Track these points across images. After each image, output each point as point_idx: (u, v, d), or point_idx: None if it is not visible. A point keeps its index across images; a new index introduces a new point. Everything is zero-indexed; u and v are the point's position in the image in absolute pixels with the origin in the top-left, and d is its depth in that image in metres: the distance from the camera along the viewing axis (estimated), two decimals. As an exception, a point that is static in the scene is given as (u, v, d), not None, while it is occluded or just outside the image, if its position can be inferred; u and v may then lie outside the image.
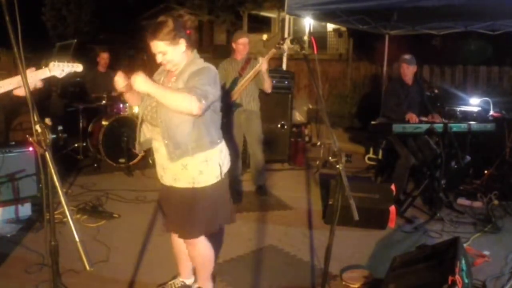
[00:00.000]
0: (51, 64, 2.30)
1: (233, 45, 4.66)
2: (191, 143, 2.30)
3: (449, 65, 8.86)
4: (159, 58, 2.31)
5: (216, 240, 2.94)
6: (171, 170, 2.38)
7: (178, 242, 2.65)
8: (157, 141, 2.37)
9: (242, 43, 4.58)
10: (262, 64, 4.30)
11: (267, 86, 4.56)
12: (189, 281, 2.83)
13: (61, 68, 2.34)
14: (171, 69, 2.37)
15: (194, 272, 2.79)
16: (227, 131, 4.83)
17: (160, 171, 2.47)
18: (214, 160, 2.39)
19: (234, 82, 4.61)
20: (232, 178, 5.00)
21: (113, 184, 4.89)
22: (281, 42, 4.17)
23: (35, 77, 2.27)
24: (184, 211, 2.41)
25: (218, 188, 2.43)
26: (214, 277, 2.83)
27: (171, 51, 2.28)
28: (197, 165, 2.34)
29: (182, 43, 2.29)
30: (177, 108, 2.17)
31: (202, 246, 2.55)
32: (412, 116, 4.40)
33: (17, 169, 3.78)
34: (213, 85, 2.29)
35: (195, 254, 2.59)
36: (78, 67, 2.42)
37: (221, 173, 2.42)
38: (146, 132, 2.49)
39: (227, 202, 2.57)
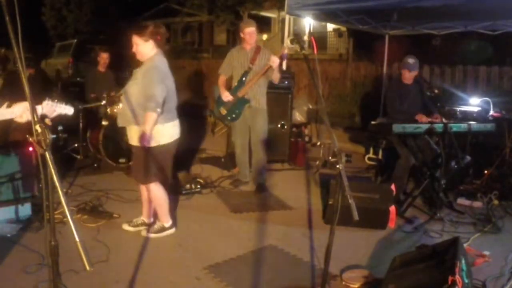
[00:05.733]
0: (45, 102, 2.31)
1: (241, 35, 4.69)
2: (135, 117, 3.31)
3: (449, 65, 8.86)
4: (134, 48, 3.35)
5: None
6: (129, 132, 3.45)
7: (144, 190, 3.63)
8: None
9: (248, 33, 4.58)
10: (274, 61, 4.35)
11: (275, 78, 4.61)
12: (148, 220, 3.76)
13: (53, 108, 2.35)
14: (139, 58, 3.39)
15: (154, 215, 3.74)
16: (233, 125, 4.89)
17: None
18: (159, 131, 3.34)
19: (243, 76, 4.62)
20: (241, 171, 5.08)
21: (113, 184, 4.89)
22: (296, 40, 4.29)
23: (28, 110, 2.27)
24: (137, 162, 3.47)
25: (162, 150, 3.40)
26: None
27: (142, 44, 3.32)
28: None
29: (150, 42, 3.32)
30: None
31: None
32: (421, 117, 4.40)
33: (17, 169, 3.78)
34: (158, 84, 3.25)
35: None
36: (70, 110, 2.44)
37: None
38: None
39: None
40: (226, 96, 4.68)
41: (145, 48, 3.34)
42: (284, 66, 6.58)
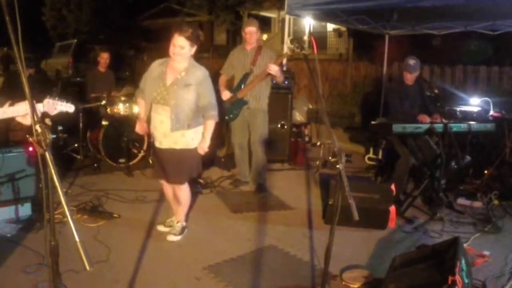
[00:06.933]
0: (46, 100, 2.32)
1: (243, 34, 4.73)
2: (188, 121, 3.29)
3: (449, 65, 8.86)
4: (176, 50, 3.17)
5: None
6: (172, 137, 3.30)
7: (169, 190, 3.61)
8: (164, 116, 3.29)
9: (248, 32, 4.61)
10: (272, 70, 4.38)
11: (278, 80, 4.69)
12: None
13: (54, 106, 2.36)
14: (178, 61, 3.25)
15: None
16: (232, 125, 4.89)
17: (160, 137, 3.38)
18: (199, 133, 3.42)
19: (244, 77, 4.64)
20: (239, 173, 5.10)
21: (113, 184, 4.89)
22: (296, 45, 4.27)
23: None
24: (179, 164, 3.39)
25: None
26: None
27: (188, 48, 3.19)
28: (190, 134, 3.34)
29: (195, 48, 3.25)
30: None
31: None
32: (424, 117, 4.39)
33: (17, 169, 3.77)
34: (213, 90, 3.40)
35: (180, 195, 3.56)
36: (70, 108, 2.46)
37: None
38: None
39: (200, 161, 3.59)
40: (225, 96, 4.69)
41: (189, 52, 3.23)
42: (284, 67, 6.59)
